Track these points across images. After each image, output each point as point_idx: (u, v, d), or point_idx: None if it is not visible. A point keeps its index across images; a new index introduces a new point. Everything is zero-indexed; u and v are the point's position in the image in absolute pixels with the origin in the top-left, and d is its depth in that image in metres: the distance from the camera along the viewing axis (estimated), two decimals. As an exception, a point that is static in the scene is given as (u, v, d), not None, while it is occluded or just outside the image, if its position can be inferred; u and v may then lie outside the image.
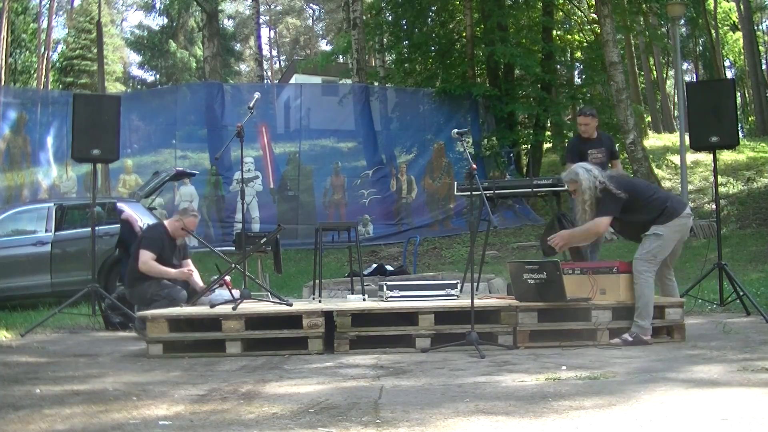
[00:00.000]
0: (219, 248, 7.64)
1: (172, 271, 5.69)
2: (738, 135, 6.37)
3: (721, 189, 13.76)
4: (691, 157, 14.54)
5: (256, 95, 5.43)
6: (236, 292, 5.10)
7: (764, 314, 5.37)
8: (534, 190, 6.11)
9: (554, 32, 18.38)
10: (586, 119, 6.26)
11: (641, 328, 4.44)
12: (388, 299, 4.90)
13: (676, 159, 16.80)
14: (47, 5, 32.28)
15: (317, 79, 24.26)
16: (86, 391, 3.33)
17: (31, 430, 2.62)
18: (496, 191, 6.02)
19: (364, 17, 17.55)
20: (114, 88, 32.06)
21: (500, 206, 13.36)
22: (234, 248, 7.43)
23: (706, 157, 16.21)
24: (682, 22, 20.66)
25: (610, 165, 6.19)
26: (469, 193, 5.83)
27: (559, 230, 5.72)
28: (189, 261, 6.00)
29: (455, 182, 12.88)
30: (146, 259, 5.58)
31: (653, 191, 4.78)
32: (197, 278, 5.91)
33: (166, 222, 6.01)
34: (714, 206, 7.14)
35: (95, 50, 25.32)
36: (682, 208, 4.66)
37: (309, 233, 10.28)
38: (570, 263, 5.24)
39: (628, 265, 4.78)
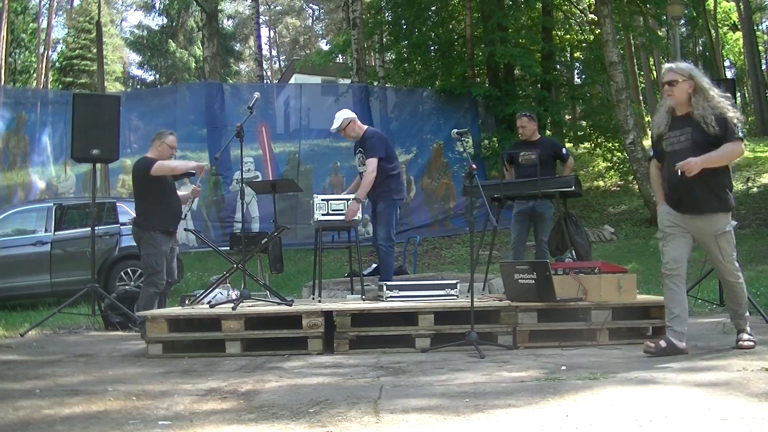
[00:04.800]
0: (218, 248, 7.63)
1: (190, 163, 5.59)
2: (738, 135, 6.36)
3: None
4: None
5: (256, 95, 5.43)
6: (236, 293, 5.10)
7: (764, 314, 5.37)
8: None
9: (554, 32, 18.36)
10: (523, 121, 6.50)
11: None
12: (388, 299, 4.90)
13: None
14: (47, 5, 32.31)
15: (317, 79, 24.23)
16: (86, 391, 3.33)
17: (31, 430, 2.62)
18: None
19: (363, 17, 17.52)
20: (114, 88, 32.00)
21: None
22: (229, 249, 7.38)
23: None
24: (682, 22, 20.64)
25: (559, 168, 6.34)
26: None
27: (566, 232, 5.67)
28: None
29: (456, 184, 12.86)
30: (156, 165, 5.41)
31: None
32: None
33: (149, 154, 5.69)
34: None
35: (95, 50, 25.28)
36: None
37: (309, 233, 10.28)
38: (555, 263, 5.22)
39: (609, 266, 4.77)
